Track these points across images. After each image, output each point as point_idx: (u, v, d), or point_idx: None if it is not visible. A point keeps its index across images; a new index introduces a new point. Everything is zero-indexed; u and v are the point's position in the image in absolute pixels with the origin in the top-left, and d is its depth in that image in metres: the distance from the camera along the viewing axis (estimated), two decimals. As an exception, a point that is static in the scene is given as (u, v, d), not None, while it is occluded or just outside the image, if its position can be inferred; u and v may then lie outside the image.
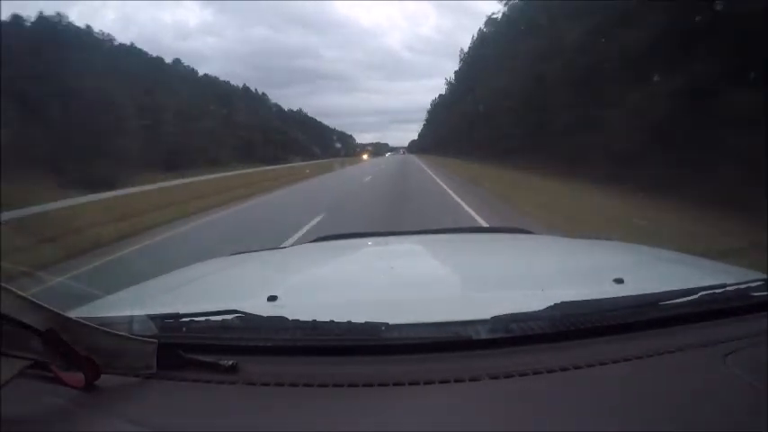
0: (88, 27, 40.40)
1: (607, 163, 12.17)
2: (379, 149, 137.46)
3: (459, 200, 10.98)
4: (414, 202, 11.19)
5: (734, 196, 6.72)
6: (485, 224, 7.02)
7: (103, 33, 43.31)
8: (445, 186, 14.83)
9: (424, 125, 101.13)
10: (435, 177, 19.53)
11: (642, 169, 10.19)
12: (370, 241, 2.02)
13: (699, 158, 8.63)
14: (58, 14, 35.97)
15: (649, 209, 7.77)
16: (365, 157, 78.42)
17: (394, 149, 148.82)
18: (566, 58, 15.24)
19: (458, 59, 53.00)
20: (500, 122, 23.48)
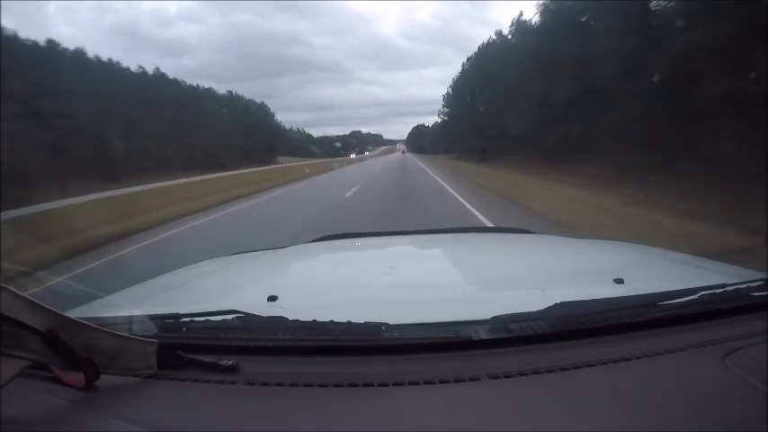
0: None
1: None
2: (373, 143, 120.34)
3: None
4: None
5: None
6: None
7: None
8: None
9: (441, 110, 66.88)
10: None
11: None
12: (369, 241, 2.02)
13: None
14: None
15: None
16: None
17: (389, 144, 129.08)
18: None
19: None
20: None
